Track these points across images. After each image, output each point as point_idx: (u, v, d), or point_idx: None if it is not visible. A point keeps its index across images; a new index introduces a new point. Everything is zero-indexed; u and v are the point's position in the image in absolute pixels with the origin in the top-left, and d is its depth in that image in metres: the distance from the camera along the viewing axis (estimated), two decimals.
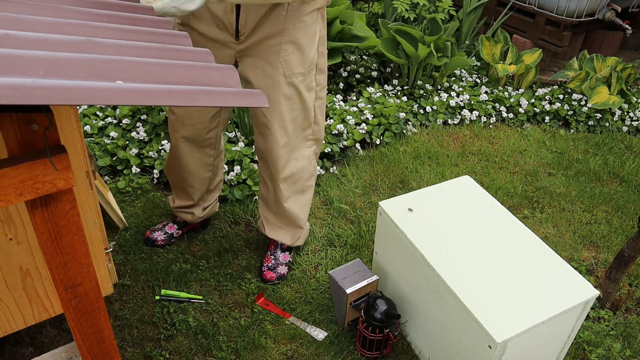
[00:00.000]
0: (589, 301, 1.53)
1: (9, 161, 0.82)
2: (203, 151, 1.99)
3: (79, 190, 1.37)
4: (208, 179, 2.10)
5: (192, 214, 2.17)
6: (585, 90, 3.34)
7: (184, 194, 2.13)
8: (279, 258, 2.12)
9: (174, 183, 2.12)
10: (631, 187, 2.76)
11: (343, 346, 1.86)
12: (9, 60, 0.71)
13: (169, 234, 2.21)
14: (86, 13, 1.05)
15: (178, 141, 1.94)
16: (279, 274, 2.09)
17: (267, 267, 2.10)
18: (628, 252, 1.88)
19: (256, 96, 0.88)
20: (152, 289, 2.03)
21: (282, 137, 1.80)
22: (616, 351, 1.88)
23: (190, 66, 0.90)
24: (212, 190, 2.18)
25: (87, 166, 1.37)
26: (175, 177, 2.09)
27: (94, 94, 0.71)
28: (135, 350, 1.81)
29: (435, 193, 1.85)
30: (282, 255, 2.13)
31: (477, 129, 3.17)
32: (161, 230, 2.21)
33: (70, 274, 0.99)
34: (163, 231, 2.20)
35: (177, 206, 2.17)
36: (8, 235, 1.33)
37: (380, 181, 2.66)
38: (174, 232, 2.22)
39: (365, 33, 3.18)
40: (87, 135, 2.70)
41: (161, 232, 2.20)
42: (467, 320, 1.49)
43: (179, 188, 2.12)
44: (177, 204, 2.17)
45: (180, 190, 2.12)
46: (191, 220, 2.20)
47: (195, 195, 2.12)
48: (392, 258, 1.82)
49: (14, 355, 1.76)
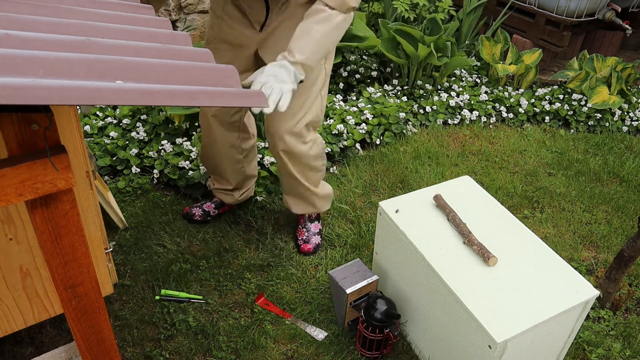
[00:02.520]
0: (589, 301, 1.53)
1: (9, 161, 0.82)
2: (231, 134, 2.09)
3: (79, 190, 1.37)
4: (241, 163, 2.19)
5: (231, 196, 2.27)
6: (585, 90, 3.34)
7: (222, 179, 2.24)
8: (310, 229, 2.23)
9: (211, 169, 2.23)
10: (631, 187, 2.76)
11: (343, 346, 1.86)
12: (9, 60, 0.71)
13: (207, 211, 2.32)
14: (86, 13, 1.05)
15: (209, 122, 2.03)
16: (315, 245, 2.21)
17: (302, 240, 2.22)
18: (628, 252, 1.88)
19: (256, 96, 0.88)
20: (152, 289, 2.03)
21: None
22: (616, 351, 1.88)
23: (190, 66, 0.90)
24: (249, 177, 2.28)
25: (87, 166, 1.37)
26: (210, 163, 2.20)
27: (94, 94, 0.71)
28: (135, 350, 1.81)
29: (435, 193, 1.85)
30: (312, 226, 2.24)
31: (477, 129, 3.17)
32: (200, 207, 2.33)
33: (70, 274, 0.99)
34: (201, 208, 2.33)
35: (217, 188, 2.28)
36: (8, 235, 1.33)
37: (380, 181, 2.66)
38: (211, 210, 2.33)
39: (365, 33, 3.18)
40: (87, 135, 2.70)
41: (199, 209, 2.33)
42: (467, 320, 1.49)
43: (216, 173, 2.23)
44: (216, 186, 2.28)
45: (217, 174, 2.23)
46: (229, 202, 2.30)
47: (231, 179, 2.22)
48: (392, 258, 1.82)
49: (14, 355, 1.76)
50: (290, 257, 2.19)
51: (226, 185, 2.24)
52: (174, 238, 2.25)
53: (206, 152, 2.16)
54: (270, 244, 2.25)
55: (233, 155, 2.14)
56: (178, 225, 2.31)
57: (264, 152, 2.56)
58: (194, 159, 2.51)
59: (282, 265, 2.16)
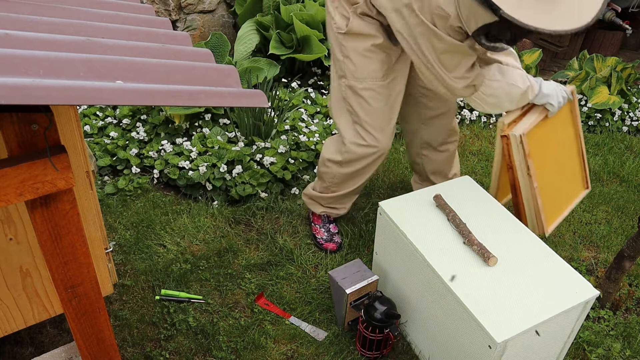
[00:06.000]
0: (589, 301, 1.53)
1: (9, 161, 0.82)
2: None
3: (79, 190, 1.37)
4: None
5: (344, 208, 2.28)
6: (585, 90, 3.34)
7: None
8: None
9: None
10: (631, 187, 2.76)
11: (343, 346, 1.86)
12: (9, 60, 0.71)
13: (334, 232, 2.30)
14: (86, 13, 1.06)
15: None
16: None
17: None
18: (628, 252, 1.88)
19: (256, 96, 0.88)
20: (152, 289, 2.03)
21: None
22: (616, 351, 1.88)
23: (190, 66, 0.90)
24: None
25: (87, 166, 1.37)
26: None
27: (94, 94, 0.71)
28: (135, 350, 1.81)
29: (435, 193, 1.85)
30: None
31: (477, 129, 3.17)
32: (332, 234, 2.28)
33: (70, 274, 1.00)
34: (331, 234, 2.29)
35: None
36: (8, 235, 1.33)
37: (380, 181, 2.66)
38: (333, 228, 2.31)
39: None
40: (87, 135, 2.70)
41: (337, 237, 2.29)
42: (467, 320, 1.49)
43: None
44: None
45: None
46: (342, 215, 2.32)
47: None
48: (392, 258, 1.82)
49: (14, 355, 1.76)
50: (290, 257, 2.19)
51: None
52: (174, 238, 2.25)
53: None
54: (271, 244, 2.25)
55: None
56: (178, 225, 2.31)
57: (264, 152, 2.56)
58: (194, 159, 2.51)
59: (282, 265, 2.16)
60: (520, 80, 1.76)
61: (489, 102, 1.80)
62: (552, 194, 2.00)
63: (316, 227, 2.27)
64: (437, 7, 1.52)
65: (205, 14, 3.52)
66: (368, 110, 1.89)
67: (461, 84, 1.69)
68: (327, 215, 2.27)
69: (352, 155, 1.98)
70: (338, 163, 2.04)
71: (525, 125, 1.83)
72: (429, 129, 2.18)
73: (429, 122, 2.15)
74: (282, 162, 2.53)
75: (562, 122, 2.03)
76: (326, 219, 2.28)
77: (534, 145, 1.84)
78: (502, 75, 1.74)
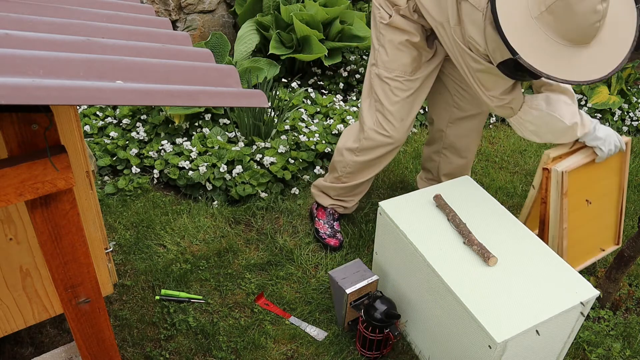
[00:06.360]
0: (589, 301, 1.53)
1: (9, 161, 0.82)
2: None
3: (79, 190, 1.37)
4: None
5: (353, 201, 2.29)
6: (585, 90, 3.34)
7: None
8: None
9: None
10: (631, 187, 2.76)
11: (343, 346, 1.86)
12: (9, 60, 0.71)
13: (337, 230, 2.31)
14: (86, 13, 1.06)
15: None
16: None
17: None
18: (628, 252, 1.88)
19: (256, 96, 0.88)
20: (152, 289, 2.03)
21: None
22: (616, 351, 1.88)
23: (190, 66, 0.90)
24: None
25: (87, 166, 1.37)
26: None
27: (94, 94, 0.71)
28: (135, 350, 1.81)
29: (435, 193, 1.85)
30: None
31: None
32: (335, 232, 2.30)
33: (70, 274, 1.00)
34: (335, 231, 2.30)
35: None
36: (8, 235, 1.33)
37: (380, 181, 2.66)
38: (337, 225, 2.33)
39: (365, 33, 3.18)
40: (87, 135, 2.70)
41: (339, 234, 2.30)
42: (467, 320, 1.49)
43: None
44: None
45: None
46: (347, 212, 2.35)
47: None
48: (392, 258, 1.82)
49: (14, 355, 1.76)
50: (290, 257, 2.19)
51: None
52: (174, 238, 2.25)
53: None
54: (271, 244, 2.25)
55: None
56: (178, 225, 2.31)
57: (264, 152, 2.57)
58: (194, 159, 2.51)
59: (282, 265, 2.16)
60: (568, 116, 1.74)
61: (528, 129, 1.81)
62: (579, 239, 1.96)
63: (320, 222, 2.28)
64: (470, 37, 1.62)
65: (205, 14, 3.52)
66: (392, 99, 1.94)
67: (496, 102, 1.74)
68: (333, 212, 2.28)
69: (370, 143, 2.02)
70: (354, 151, 2.08)
71: (569, 162, 1.80)
72: (456, 129, 2.19)
73: (457, 123, 2.16)
74: (282, 162, 2.53)
75: (609, 171, 1.98)
76: (331, 215, 2.28)
77: (573, 186, 1.81)
78: (547, 105, 1.74)
